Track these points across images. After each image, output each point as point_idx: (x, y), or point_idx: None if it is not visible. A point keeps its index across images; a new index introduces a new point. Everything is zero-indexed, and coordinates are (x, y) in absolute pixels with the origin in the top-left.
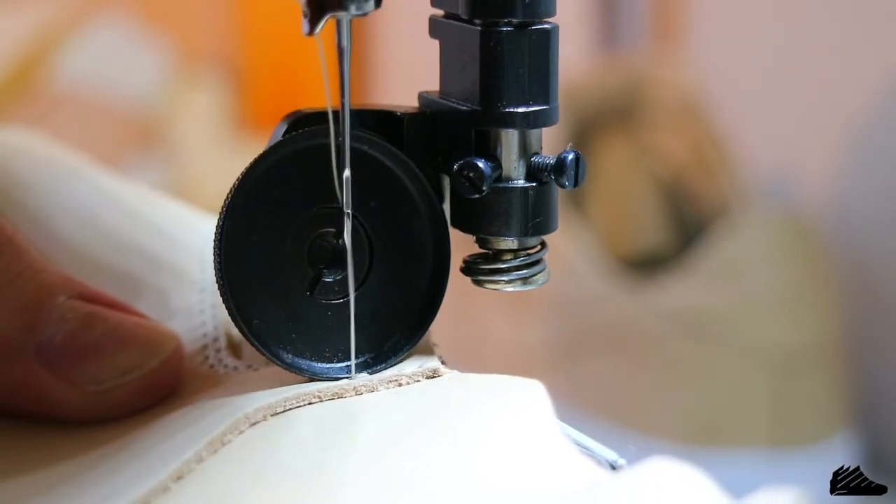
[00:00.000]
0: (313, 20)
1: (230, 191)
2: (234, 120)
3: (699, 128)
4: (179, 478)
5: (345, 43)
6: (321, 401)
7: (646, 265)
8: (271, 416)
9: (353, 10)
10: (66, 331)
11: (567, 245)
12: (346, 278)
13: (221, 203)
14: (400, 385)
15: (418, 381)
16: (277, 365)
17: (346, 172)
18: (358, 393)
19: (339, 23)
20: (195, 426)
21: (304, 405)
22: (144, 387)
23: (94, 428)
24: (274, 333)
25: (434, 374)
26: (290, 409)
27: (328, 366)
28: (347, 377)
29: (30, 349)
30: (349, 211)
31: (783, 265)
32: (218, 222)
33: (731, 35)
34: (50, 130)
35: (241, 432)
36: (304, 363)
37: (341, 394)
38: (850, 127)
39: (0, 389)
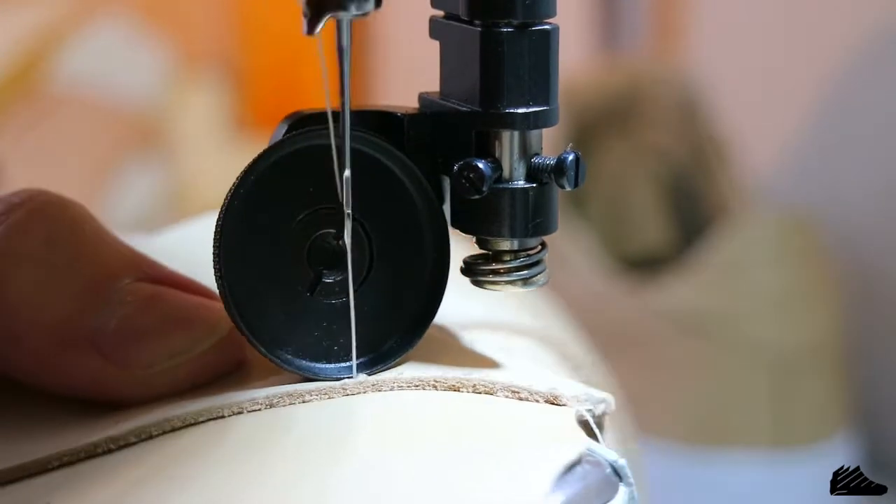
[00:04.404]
0: (312, 20)
1: (229, 191)
2: (234, 120)
3: (699, 128)
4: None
5: (345, 43)
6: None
7: (646, 265)
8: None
9: (353, 10)
10: (122, 314)
11: (567, 245)
12: (346, 279)
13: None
14: (521, 398)
15: (537, 401)
16: (277, 365)
17: (347, 173)
18: (477, 391)
19: (339, 23)
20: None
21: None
22: (195, 369)
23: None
24: (274, 334)
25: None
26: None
27: (328, 366)
28: (348, 377)
29: (85, 334)
30: (349, 211)
31: (783, 265)
32: (217, 223)
33: (731, 35)
34: (50, 130)
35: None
36: (303, 363)
37: (437, 384)
38: (853, 126)
39: (55, 373)
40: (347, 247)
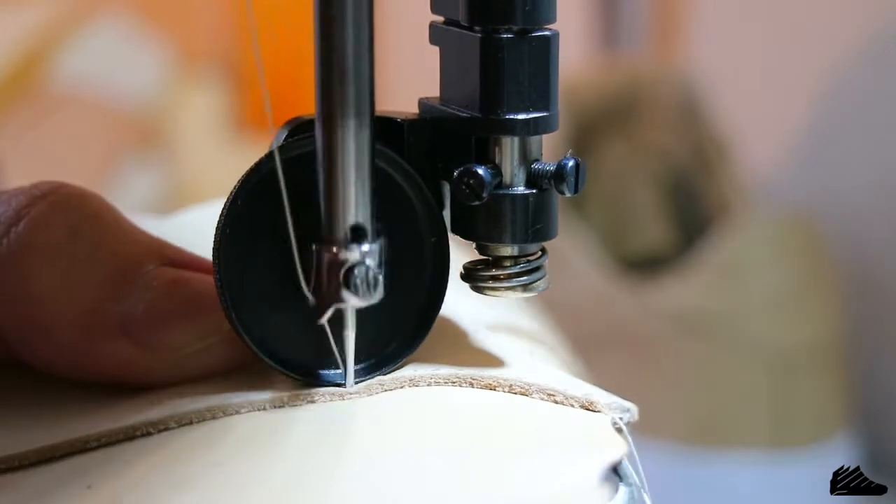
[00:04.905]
0: (321, 310)
1: (229, 196)
2: (234, 120)
3: (699, 128)
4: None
5: (350, 331)
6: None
7: (646, 265)
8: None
9: (357, 302)
10: (149, 299)
11: (567, 245)
12: None
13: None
14: (556, 401)
15: (572, 405)
16: (278, 370)
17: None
18: (513, 391)
19: (344, 311)
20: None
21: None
22: (225, 351)
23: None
24: (274, 339)
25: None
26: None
27: (328, 371)
28: (342, 384)
29: (113, 320)
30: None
31: (784, 265)
32: (217, 229)
33: (732, 35)
34: (50, 130)
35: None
36: (305, 369)
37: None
38: (853, 126)
39: (85, 361)
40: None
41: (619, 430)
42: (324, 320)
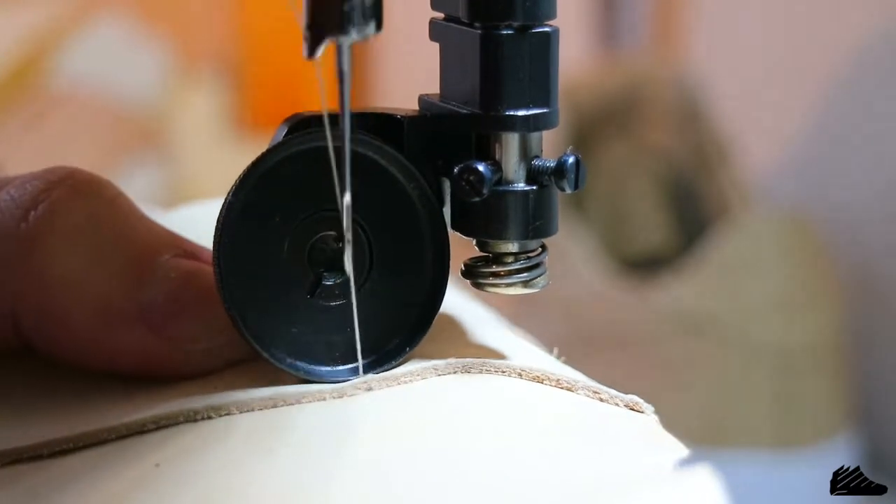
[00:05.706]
0: (313, 44)
1: (229, 192)
2: (234, 120)
3: (699, 128)
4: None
5: (345, 67)
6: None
7: (646, 265)
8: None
9: (353, 34)
10: (168, 289)
11: (567, 245)
12: (346, 281)
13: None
14: (601, 399)
15: (617, 405)
16: (277, 367)
17: (347, 198)
18: (560, 386)
19: (339, 47)
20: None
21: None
22: (245, 344)
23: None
24: (274, 336)
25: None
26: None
27: (329, 368)
28: (348, 379)
29: (132, 309)
30: (349, 236)
31: (784, 265)
32: (217, 224)
33: (732, 35)
34: (50, 130)
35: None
36: (304, 365)
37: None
38: (853, 126)
39: (101, 350)
40: (350, 272)
41: None
42: (317, 55)
